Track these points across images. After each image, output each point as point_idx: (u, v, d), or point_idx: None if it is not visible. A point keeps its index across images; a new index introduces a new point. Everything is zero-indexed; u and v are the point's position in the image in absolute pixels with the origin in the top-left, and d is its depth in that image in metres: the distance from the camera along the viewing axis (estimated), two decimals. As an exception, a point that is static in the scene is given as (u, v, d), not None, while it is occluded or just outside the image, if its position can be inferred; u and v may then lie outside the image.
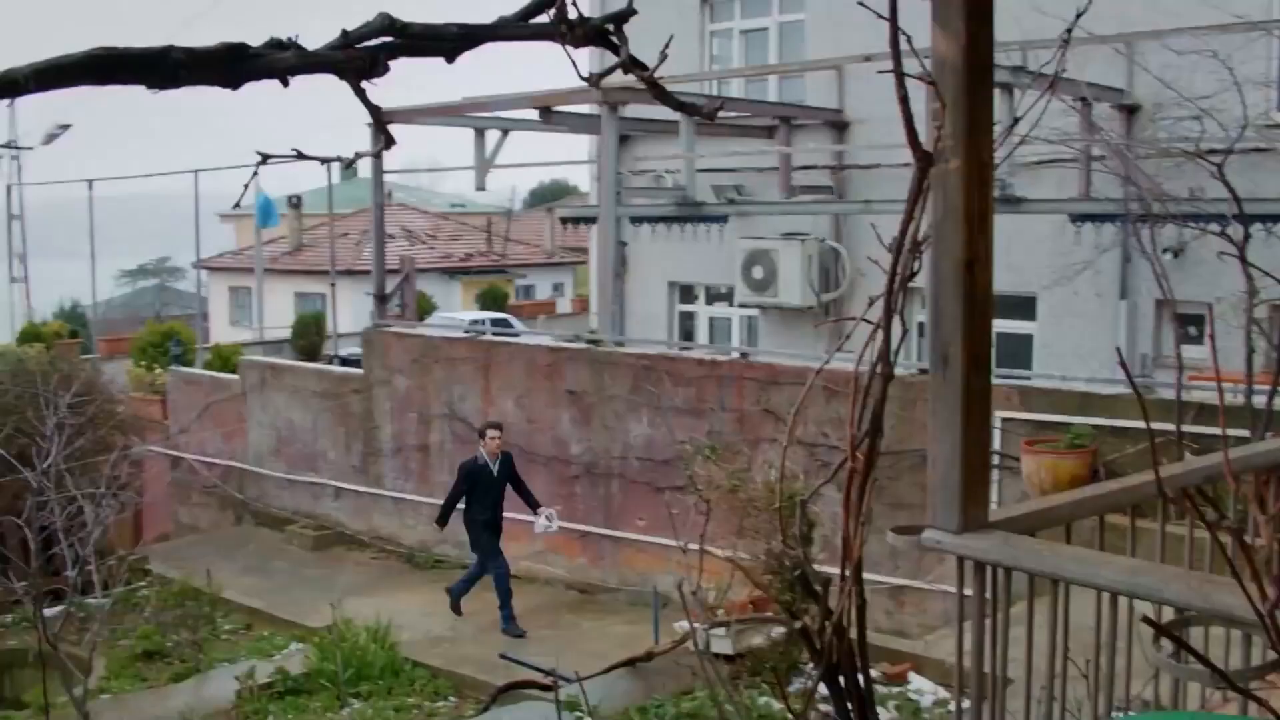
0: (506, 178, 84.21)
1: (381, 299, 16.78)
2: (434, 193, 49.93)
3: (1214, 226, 10.38)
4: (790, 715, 7.44)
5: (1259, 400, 10.04)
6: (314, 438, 16.76)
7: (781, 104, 16.76)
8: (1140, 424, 11.13)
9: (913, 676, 8.25)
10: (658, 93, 2.41)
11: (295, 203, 33.12)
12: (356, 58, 2.20)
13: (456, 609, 12.62)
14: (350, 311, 24.19)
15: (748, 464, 9.21)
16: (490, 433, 12.91)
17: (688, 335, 18.79)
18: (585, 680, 7.06)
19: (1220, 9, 10.85)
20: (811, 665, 3.33)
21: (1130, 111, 13.34)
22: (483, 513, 12.63)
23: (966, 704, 3.58)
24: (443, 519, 12.85)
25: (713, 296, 18.83)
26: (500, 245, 39.18)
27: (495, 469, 12.78)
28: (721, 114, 15.43)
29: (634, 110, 15.50)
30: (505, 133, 16.41)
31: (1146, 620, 2.17)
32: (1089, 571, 3.27)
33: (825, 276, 16.49)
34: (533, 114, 15.89)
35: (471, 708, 9.81)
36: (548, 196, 56.33)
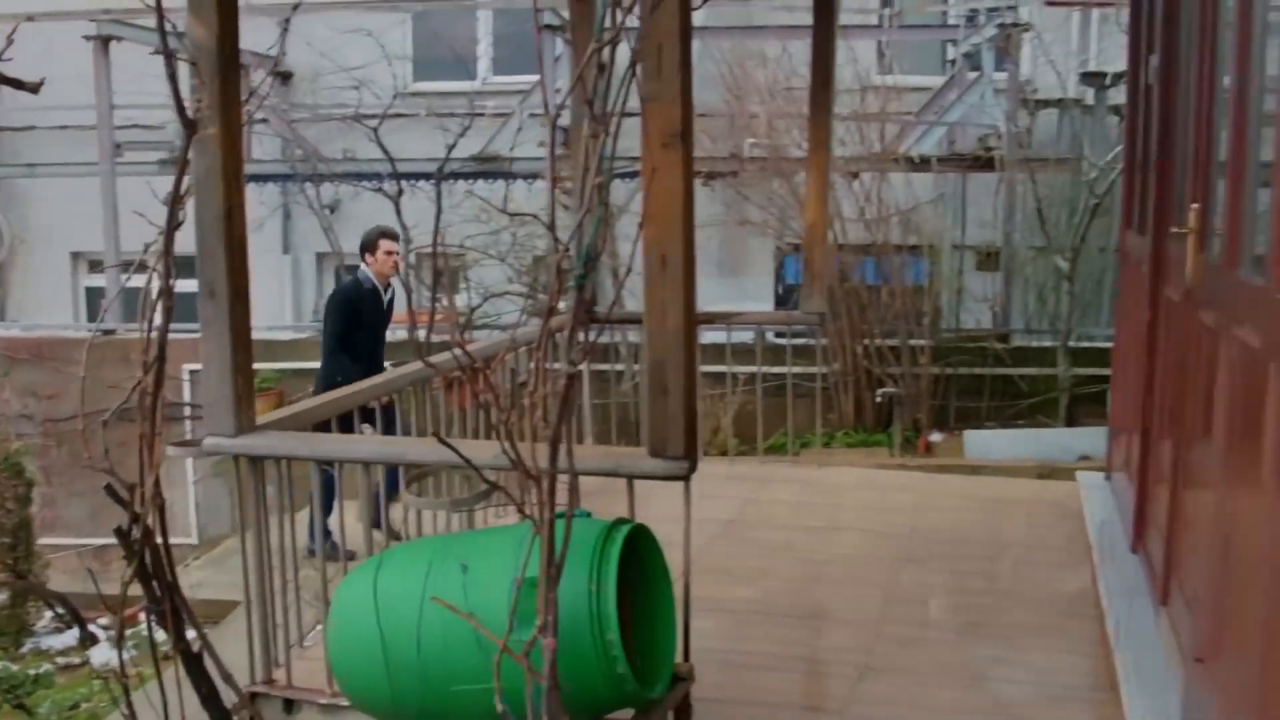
0: None
1: None
2: None
3: (372, 183, 11.70)
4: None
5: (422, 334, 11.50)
6: None
7: (-82, 64, 15.79)
8: (312, 365, 12.27)
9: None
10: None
11: None
12: None
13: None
14: None
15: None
16: (385, 244, 8.53)
17: None
18: None
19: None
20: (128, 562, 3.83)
21: (285, 78, 14.32)
22: (362, 363, 8.23)
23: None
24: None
25: None
26: None
27: (386, 299, 8.58)
28: None
29: None
30: None
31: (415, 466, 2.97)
32: (348, 449, 4.11)
33: (-19, 244, 15.85)
34: None
35: None
36: None
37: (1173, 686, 3.84)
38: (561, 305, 3.05)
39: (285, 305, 15.12)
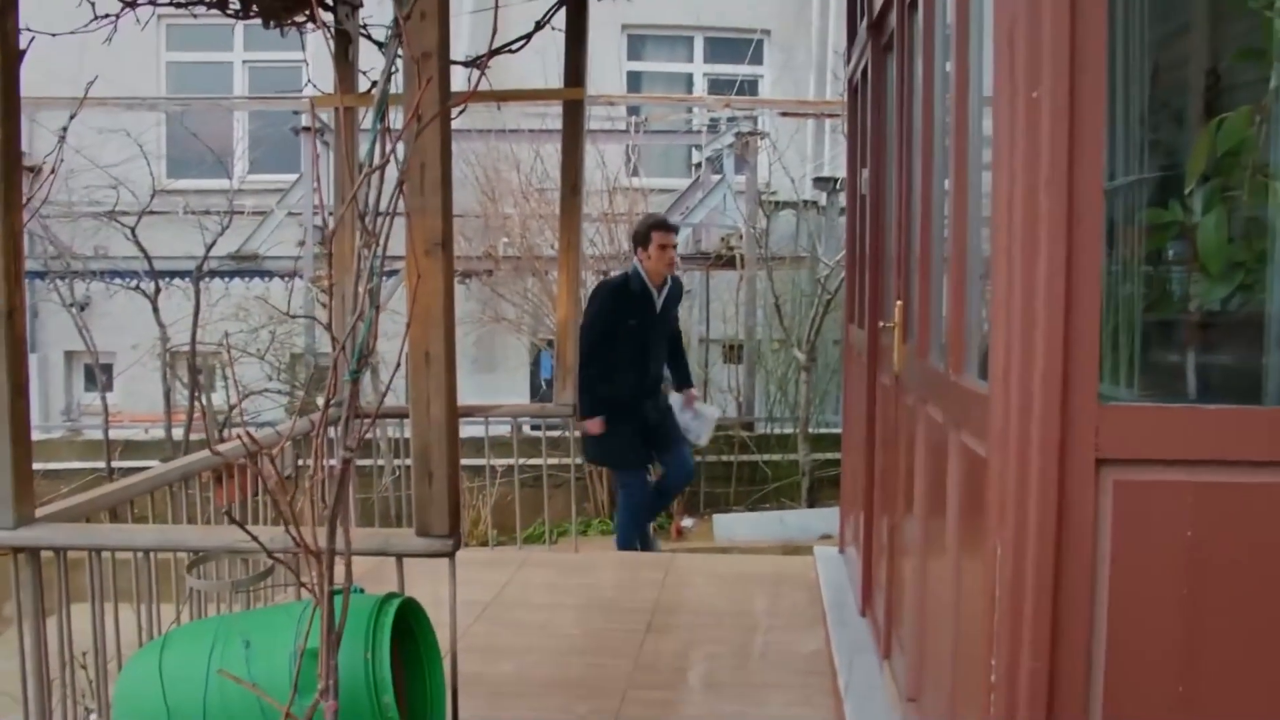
0: None
1: None
2: None
3: (129, 281, 11.65)
4: None
5: (178, 433, 11.47)
6: None
7: None
8: (69, 465, 12.07)
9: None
10: None
11: None
12: None
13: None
14: None
15: None
16: (658, 236, 7.40)
17: None
18: None
19: (119, 86, 12.11)
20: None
21: (34, 173, 14.07)
22: (628, 378, 7.52)
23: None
24: (591, 406, 7.45)
25: None
26: None
27: (659, 301, 7.48)
28: None
29: None
30: None
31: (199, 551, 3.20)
32: (128, 538, 4.27)
33: None
34: None
35: None
36: None
37: (891, 728, 4.34)
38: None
39: (33, 404, 14.74)
